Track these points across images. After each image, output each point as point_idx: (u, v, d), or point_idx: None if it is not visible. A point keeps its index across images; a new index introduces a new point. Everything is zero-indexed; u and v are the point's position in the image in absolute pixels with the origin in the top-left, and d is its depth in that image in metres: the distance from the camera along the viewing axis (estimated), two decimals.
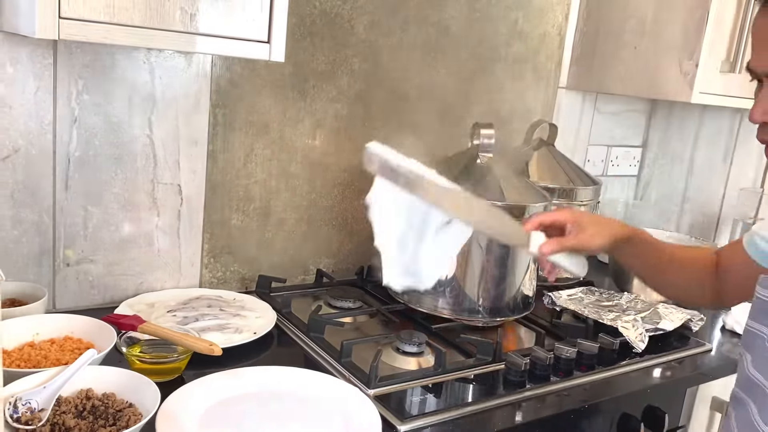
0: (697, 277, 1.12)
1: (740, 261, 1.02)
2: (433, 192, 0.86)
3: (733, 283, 1.06)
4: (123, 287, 1.34)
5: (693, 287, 1.13)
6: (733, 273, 1.06)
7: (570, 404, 1.15)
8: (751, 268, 0.99)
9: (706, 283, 1.11)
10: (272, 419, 0.96)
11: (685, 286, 1.14)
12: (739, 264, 1.03)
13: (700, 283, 1.12)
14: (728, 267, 1.07)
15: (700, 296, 1.15)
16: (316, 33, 1.45)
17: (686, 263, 1.14)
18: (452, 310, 1.37)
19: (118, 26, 0.89)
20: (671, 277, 1.14)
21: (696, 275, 1.12)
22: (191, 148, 1.35)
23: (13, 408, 0.85)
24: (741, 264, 1.02)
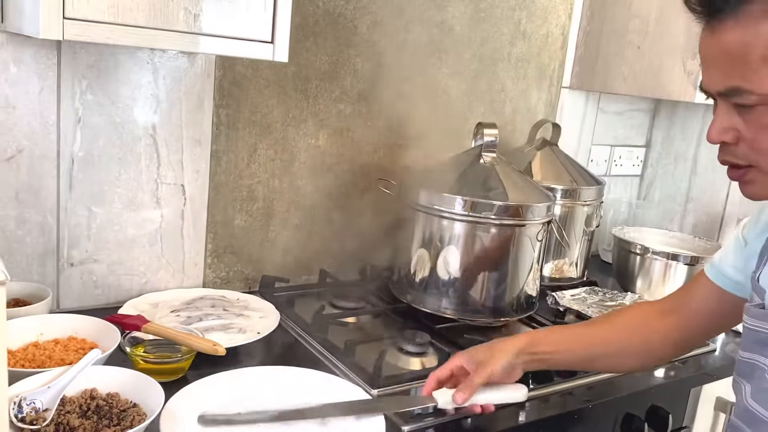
0: (640, 339, 1.05)
1: (702, 298, 1.00)
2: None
3: (700, 322, 1.02)
4: (127, 287, 1.34)
5: (639, 350, 1.05)
6: (697, 313, 1.01)
7: (574, 404, 1.15)
8: (718, 301, 0.97)
9: (653, 341, 1.04)
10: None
11: (631, 352, 1.06)
12: (702, 301, 1.00)
13: (646, 342, 1.05)
14: (690, 310, 1.02)
15: (649, 355, 1.07)
16: (319, 33, 1.45)
17: (619, 330, 1.07)
18: (456, 310, 1.37)
19: (122, 27, 0.89)
20: (610, 351, 1.06)
21: (638, 337, 1.05)
22: (194, 148, 1.35)
23: (17, 408, 0.85)
24: (704, 300, 0.99)
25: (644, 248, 1.68)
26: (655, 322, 1.04)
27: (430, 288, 1.39)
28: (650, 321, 1.05)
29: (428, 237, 1.38)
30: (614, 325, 1.08)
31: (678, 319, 1.03)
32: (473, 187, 1.35)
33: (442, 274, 1.37)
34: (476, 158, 1.42)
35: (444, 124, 1.71)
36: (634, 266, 1.70)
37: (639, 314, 1.08)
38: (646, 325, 1.05)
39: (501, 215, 1.32)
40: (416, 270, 1.41)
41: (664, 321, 1.04)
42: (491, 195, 1.34)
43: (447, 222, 1.35)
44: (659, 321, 1.04)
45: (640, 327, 1.06)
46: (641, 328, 1.05)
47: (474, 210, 1.32)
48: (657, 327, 1.04)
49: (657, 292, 1.66)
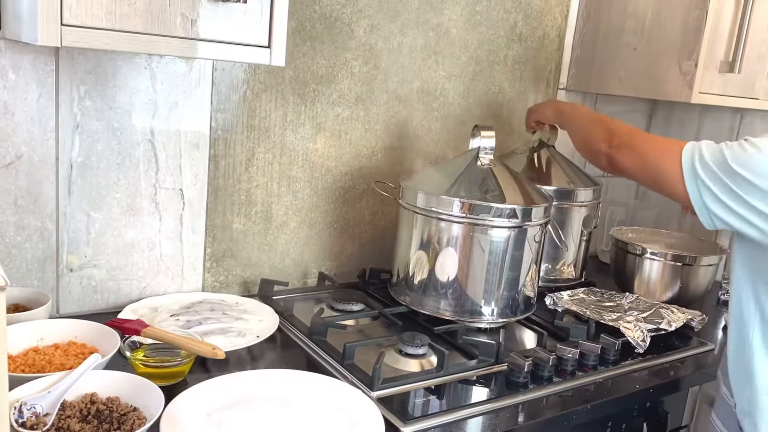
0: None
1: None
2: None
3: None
4: (126, 292, 1.35)
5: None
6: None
7: (572, 405, 1.15)
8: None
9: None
10: (275, 422, 0.96)
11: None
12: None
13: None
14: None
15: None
16: (316, 37, 1.46)
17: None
18: (454, 311, 1.38)
19: (120, 33, 0.89)
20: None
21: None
22: (193, 152, 1.36)
23: (18, 413, 0.86)
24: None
25: (642, 249, 1.68)
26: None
27: (429, 290, 1.39)
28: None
29: (426, 239, 1.38)
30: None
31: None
32: (471, 190, 1.36)
33: (440, 276, 1.38)
34: (474, 160, 1.42)
35: (441, 127, 1.72)
36: (632, 267, 1.70)
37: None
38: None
39: (498, 217, 1.33)
40: (415, 272, 1.41)
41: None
42: (489, 197, 1.34)
43: (445, 224, 1.35)
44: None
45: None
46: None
47: (471, 212, 1.33)
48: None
49: (655, 292, 1.66)
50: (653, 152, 1.11)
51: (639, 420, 1.30)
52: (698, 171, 1.02)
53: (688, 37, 1.63)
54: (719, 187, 0.99)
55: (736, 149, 0.99)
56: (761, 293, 1.03)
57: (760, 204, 0.96)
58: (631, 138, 1.19)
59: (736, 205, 0.98)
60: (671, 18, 1.67)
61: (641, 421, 1.30)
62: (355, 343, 1.20)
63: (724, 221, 1.01)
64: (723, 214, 1.01)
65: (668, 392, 1.33)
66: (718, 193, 1.00)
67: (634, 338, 1.36)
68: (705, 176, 1.01)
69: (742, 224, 0.99)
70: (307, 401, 1.02)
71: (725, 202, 0.99)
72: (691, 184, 1.03)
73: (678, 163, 1.04)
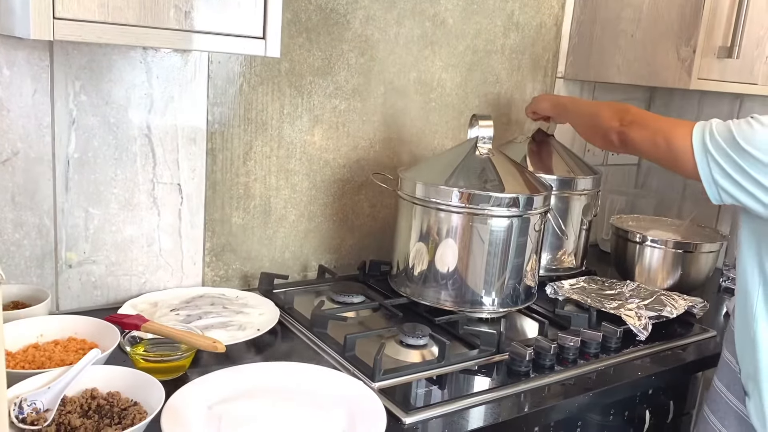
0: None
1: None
2: None
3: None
4: (126, 287, 1.34)
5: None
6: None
7: (575, 393, 1.15)
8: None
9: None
10: (277, 414, 0.96)
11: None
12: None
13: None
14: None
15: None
16: (311, 29, 1.45)
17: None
18: (455, 302, 1.37)
19: (113, 25, 0.89)
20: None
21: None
22: (190, 146, 1.35)
23: (18, 409, 0.85)
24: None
25: (642, 236, 1.68)
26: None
27: (429, 281, 1.39)
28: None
29: (426, 230, 1.38)
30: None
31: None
32: (470, 179, 1.35)
33: (440, 266, 1.37)
34: (472, 150, 1.42)
35: (439, 117, 1.71)
36: (632, 255, 1.70)
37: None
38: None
39: (498, 206, 1.32)
40: (415, 263, 1.41)
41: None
42: (488, 186, 1.34)
43: (444, 214, 1.35)
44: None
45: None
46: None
47: (471, 202, 1.32)
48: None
49: (656, 279, 1.66)
50: (665, 129, 1.14)
51: (641, 407, 1.30)
52: (708, 147, 1.05)
53: (686, 23, 1.62)
54: (727, 163, 1.03)
55: (744, 126, 1.03)
56: (765, 264, 1.08)
57: (765, 179, 1.00)
58: (642, 115, 1.22)
59: (743, 180, 1.02)
60: (668, 4, 1.66)
61: (644, 409, 1.30)
62: (356, 335, 1.20)
63: (732, 195, 1.05)
64: (731, 189, 1.04)
65: (670, 379, 1.33)
66: (727, 168, 1.03)
67: (636, 326, 1.36)
68: (715, 152, 1.04)
69: (748, 198, 1.03)
70: (309, 393, 1.02)
71: (733, 176, 1.03)
72: (702, 160, 1.06)
73: (689, 139, 1.08)
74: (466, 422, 1.03)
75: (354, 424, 0.95)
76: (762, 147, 0.99)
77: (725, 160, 1.03)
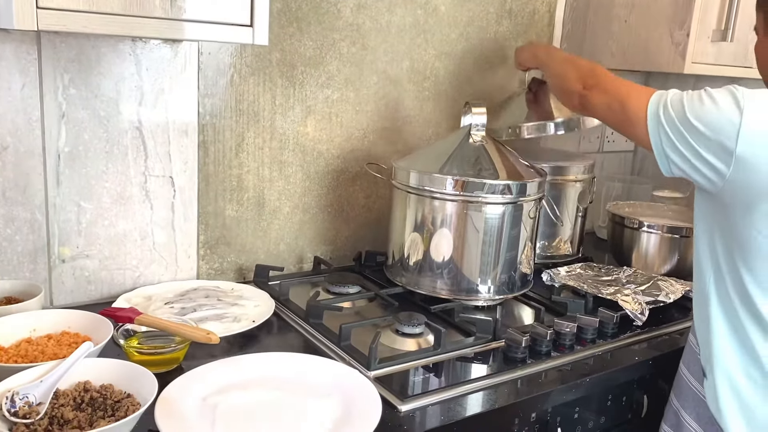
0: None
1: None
2: None
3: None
4: (120, 281, 1.34)
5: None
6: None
7: (572, 379, 1.15)
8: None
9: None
10: (272, 404, 0.96)
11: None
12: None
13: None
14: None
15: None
16: (302, 18, 1.44)
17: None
18: (450, 290, 1.37)
19: (98, 15, 0.88)
20: None
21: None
22: (181, 138, 1.34)
23: (10, 402, 0.85)
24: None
25: (639, 222, 1.67)
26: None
27: (425, 270, 1.38)
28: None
29: (420, 219, 1.37)
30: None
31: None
32: (463, 167, 1.35)
33: (435, 255, 1.37)
34: (466, 138, 1.41)
35: (432, 106, 1.70)
36: (629, 240, 1.69)
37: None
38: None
39: (492, 194, 1.32)
40: (410, 252, 1.40)
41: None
42: (482, 174, 1.33)
43: (439, 203, 1.34)
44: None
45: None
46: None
47: (465, 189, 1.32)
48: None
49: (653, 265, 1.66)
50: (623, 95, 1.13)
51: (639, 393, 1.30)
52: (661, 119, 1.05)
53: (679, 6, 1.61)
54: (677, 137, 1.03)
55: (695, 101, 1.02)
56: (716, 244, 1.08)
57: (711, 156, 1.00)
58: (605, 80, 1.21)
59: (691, 155, 1.02)
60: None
61: (641, 394, 1.30)
62: (352, 324, 1.20)
63: (681, 169, 1.05)
64: (680, 162, 1.04)
65: (668, 364, 1.32)
66: (676, 142, 1.03)
67: (633, 311, 1.35)
68: (666, 124, 1.04)
69: (695, 174, 1.03)
70: (304, 383, 1.02)
71: (682, 151, 1.03)
72: (654, 131, 1.06)
73: (644, 108, 1.07)
74: (463, 409, 1.02)
75: (350, 412, 0.95)
76: (709, 123, 0.99)
77: (675, 134, 1.03)
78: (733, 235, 1.04)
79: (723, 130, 0.98)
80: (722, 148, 0.98)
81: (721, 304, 1.08)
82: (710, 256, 1.09)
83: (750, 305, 1.04)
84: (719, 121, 0.98)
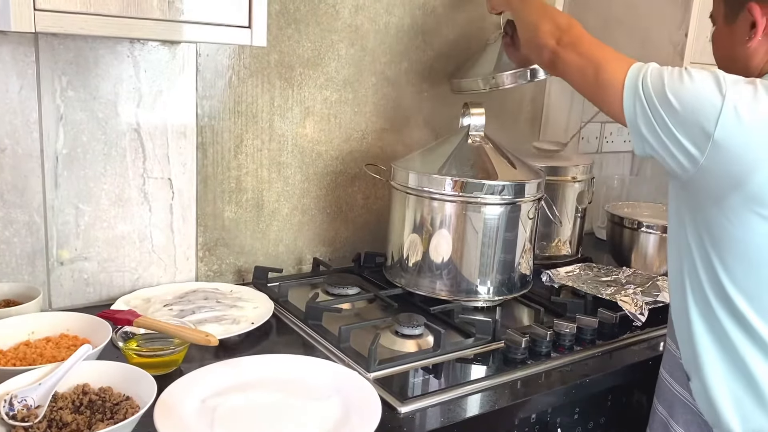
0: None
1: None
2: None
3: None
4: (119, 284, 1.34)
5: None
6: None
7: (571, 379, 1.15)
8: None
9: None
10: (271, 406, 0.96)
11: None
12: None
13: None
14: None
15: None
16: (300, 19, 1.44)
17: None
18: (450, 291, 1.37)
19: (95, 16, 0.88)
20: None
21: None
22: (180, 140, 1.34)
23: (8, 405, 0.85)
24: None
25: (638, 222, 1.67)
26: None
27: (424, 271, 1.38)
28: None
29: (419, 220, 1.37)
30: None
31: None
32: (462, 168, 1.35)
33: (434, 256, 1.37)
34: (464, 139, 1.41)
35: (431, 106, 1.70)
36: (628, 241, 1.69)
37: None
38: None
39: (491, 194, 1.32)
40: (409, 253, 1.40)
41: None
42: (480, 175, 1.33)
43: (437, 203, 1.34)
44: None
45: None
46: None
47: (464, 190, 1.32)
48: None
49: (652, 265, 1.66)
50: (598, 59, 1.06)
51: (639, 393, 1.29)
52: (639, 90, 0.98)
53: (677, 7, 1.62)
54: (653, 112, 0.97)
55: (675, 77, 0.97)
56: (689, 238, 1.03)
57: (685, 139, 0.95)
58: (581, 40, 1.12)
59: (664, 134, 0.96)
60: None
61: (641, 394, 1.30)
62: (351, 326, 1.20)
63: (654, 148, 0.99)
64: (653, 140, 0.98)
65: None
66: (652, 118, 0.97)
67: (632, 311, 1.35)
68: (644, 97, 0.98)
69: (668, 157, 0.98)
70: (303, 385, 1.02)
71: (656, 128, 0.97)
72: (629, 103, 1.00)
73: (621, 78, 1.00)
74: (463, 410, 1.02)
75: (349, 414, 0.94)
76: (687, 102, 0.93)
77: (651, 108, 0.97)
78: (706, 227, 0.99)
79: (702, 111, 0.92)
80: (700, 129, 0.93)
81: (697, 303, 1.03)
82: (685, 252, 1.04)
83: (727, 302, 1.00)
84: (699, 101, 0.93)
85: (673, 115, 0.95)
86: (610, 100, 1.02)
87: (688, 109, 0.94)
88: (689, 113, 0.93)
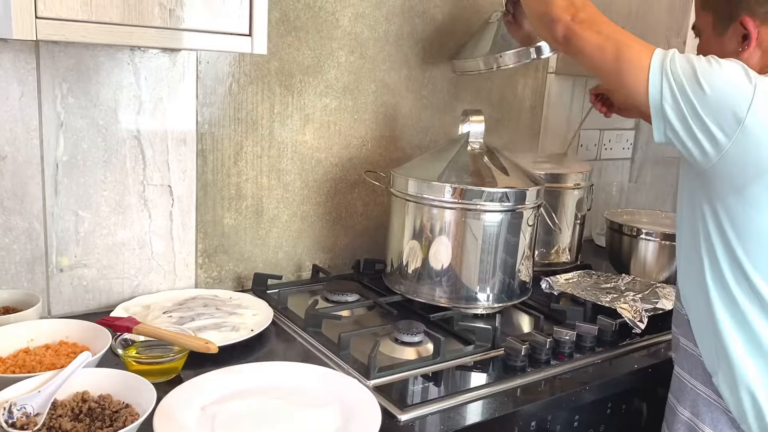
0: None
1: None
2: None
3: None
4: (118, 291, 1.34)
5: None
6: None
7: (571, 387, 1.15)
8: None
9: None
10: (271, 414, 0.95)
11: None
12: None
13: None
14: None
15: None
16: (300, 27, 1.44)
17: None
18: (449, 298, 1.37)
19: (97, 24, 0.88)
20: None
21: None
22: (180, 147, 1.34)
23: (8, 413, 0.84)
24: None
25: (637, 230, 1.67)
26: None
27: (423, 278, 1.38)
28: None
29: (419, 227, 1.37)
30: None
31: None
32: (462, 175, 1.35)
33: (434, 263, 1.37)
34: (464, 146, 1.41)
35: (431, 114, 1.71)
36: (627, 248, 1.70)
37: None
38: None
39: (490, 201, 1.32)
40: (408, 261, 1.40)
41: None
42: (480, 181, 1.33)
43: (437, 211, 1.34)
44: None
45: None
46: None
47: (463, 197, 1.32)
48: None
49: (652, 272, 1.66)
50: (621, 39, 1.03)
51: (639, 400, 1.29)
52: (668, 71, 0.98)
53: (676, 14, 1.62)
54: (682, 95, 0.96)
55: (704, 63, 0.97)
56: (709, 229, 1.02)
57: (713, 125, 0.95)
58: (599, 17, 1.08)
59: (691, 118, 0.96)
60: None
61: (641, 402, 1.29)
62: (351, 333, 1.19)
63: (676, 133, 0.98)
64: (678, 125, 0.97)
65: (667, 372, 1.32)
66: (680, 100, 0.96)
67: (632, 319, 1.35)
68: (673, 80, 0.97)
69: (691, 141, 0.97)
70: (303, 392, 1.01)
71: (683, 111, 0.96)
72: (656, 85, 0.98)
73: (647, 59, 0.99)
74: (462, 418, 1.02)
75: (349, 422, 0.94)
76: (720, 89, 0.94)
77: (680, 90, 0.96)
78: (728, 215, 0.99)
79: (734, 96, 0.93)
80: (731, 114, 0.93)
81: (719, 293, 1.02)
82: (704, 240, 1.03)
83: (751, 289, 0.99)
84: (731, 86, 0.94)
85: (703, 99, 0.95)
86: (633, 81, 1.00)
87: (720, 93, 0.94)
88: (720, 98, 0.94)
